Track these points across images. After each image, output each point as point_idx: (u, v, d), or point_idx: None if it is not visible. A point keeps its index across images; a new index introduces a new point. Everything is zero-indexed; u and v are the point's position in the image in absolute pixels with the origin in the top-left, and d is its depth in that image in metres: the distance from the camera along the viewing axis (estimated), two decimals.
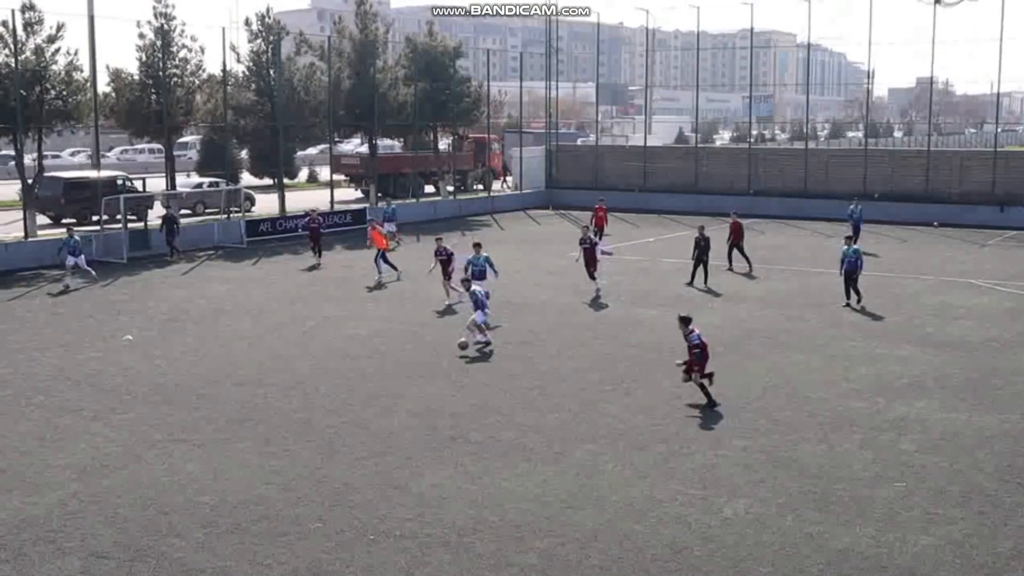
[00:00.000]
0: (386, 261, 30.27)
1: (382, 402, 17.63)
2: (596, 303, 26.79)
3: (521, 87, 60.33)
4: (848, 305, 25.68)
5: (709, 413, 17.03)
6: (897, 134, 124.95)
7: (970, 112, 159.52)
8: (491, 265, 24.48)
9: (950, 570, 11.31)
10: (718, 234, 31.77)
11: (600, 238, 37.62)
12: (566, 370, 19.85)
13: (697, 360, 17.40)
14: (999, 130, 59.06)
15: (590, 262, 27.99)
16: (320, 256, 33.90)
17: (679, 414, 16.99)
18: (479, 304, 21.62)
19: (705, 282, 28.88)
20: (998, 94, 52.81)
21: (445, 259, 26.77)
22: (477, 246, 24.93)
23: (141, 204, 41.28)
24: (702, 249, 29.15)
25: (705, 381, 17.49)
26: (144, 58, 39.70)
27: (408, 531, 12.28)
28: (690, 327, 17.69)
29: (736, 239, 31.90)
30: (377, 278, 29.78)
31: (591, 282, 27.77)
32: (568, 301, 27.01)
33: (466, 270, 24.17)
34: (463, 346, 21.07)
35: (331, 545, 11.91)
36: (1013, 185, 46.07)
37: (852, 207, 37.28)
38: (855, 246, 26.38)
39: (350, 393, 18.24)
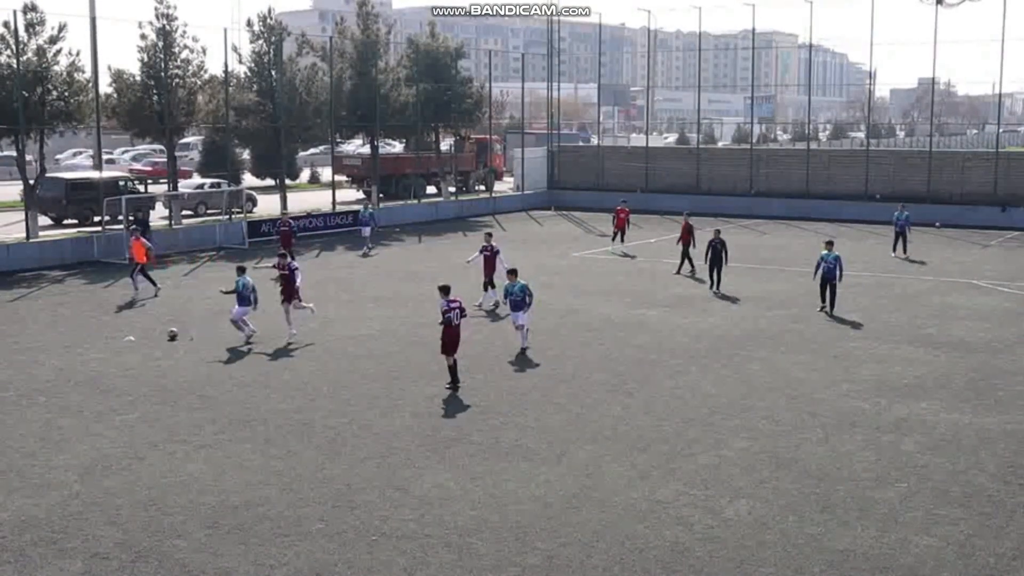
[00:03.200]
0: (145, 276, 28.11)
1: (383, 403, 17.64)
2: (494, 311, 25.72)
3: (523, 88, 60.33)
4: (823, 309, 25.18)
5: (708, 414, 17.03)
6: (899, 135, 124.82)
7: (972, 113, 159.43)
8: (528, 293, 21.22)
9: (952, 571, 11.30)
10: (725, 237, 31.62)
11: (622, 241, 37.57)
12: (567, 371, 19.85)
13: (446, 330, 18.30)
14: (1001, 131, 58.97)
15: (489, 270, 26.24)
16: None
17: (681, 415, 16.98)
18: (244, 300, 22.02)
19: (718, 286, 28.49)
20: (1000, 95, 52.76)
21: (287, 274, 23.06)
22: (512, 273, 21.59)
23: (143, 205, 41.27)
24: (716, 252, 28.54)
25: (451, 361, 18.45)
26: (146, 59, 39.73)
27: (410, 532, 12.28)
28: (449, 296, 18.58)
29: (685, 241, 31.58)
30: (133, 294, 27.84)
31: (488, 292, 26.27)
32: (570, 302, 27.01)
33: (505, 300, 21.83)
34: (173, 336, 22.38)
35: (333, 546, 11.91)
36: (1015, 186, 46.07)
37: (897, 212, 36.18)
38: (836, 252, 25.43)
39: (351, 394, 18.24)
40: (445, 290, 18.78)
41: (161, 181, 48.82)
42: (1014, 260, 35.29)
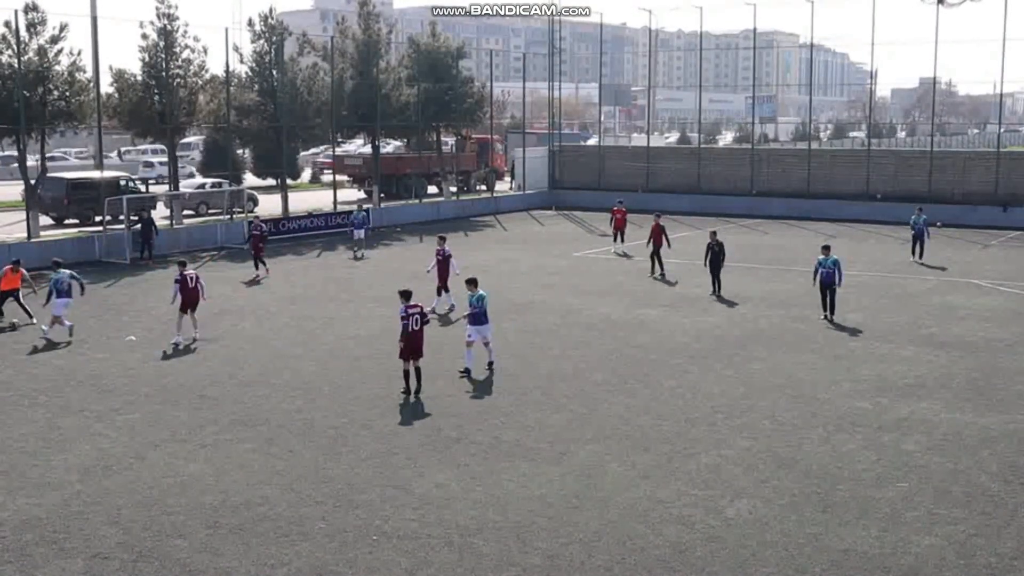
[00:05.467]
0: (19, 302, 24.61)
1: (385, 403, 17.63)
2: (447, 317, 24.89)
3: (524, 87, 60.39)
4: (826, 317, 24.32)
5: (709, 413, 17.03)
6: (900, 134, 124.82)
7: (973, 112, 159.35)
8: (484, 304, 19.53)
9: (953, 571, 11.29)
10: (726, 237, 31.43)
11: (622, 241, 37.48)
12: (569, 370, 19.85)
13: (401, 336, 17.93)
14: (1002, 130, 58.92)
15: (443, 275, 25.66)
16: (264, 267, 31.51)
17: (682, 414, 16.98)
18: (61, 292, 22.60)
19: (719, 290, 27.94)
20: (1001, 94, 52.69)
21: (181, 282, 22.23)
22: (471, 283, 19.85)
23: (147, 205, 41.25)
24: (715, 255, 27.85)
25: (408, 367, 17.93)
26: (147, 58, 39.73)
27: (411, 531, 12.28)
28: (409, 301, 18.13)
29: (656, 242, 31.23)
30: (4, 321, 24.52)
31: (441, 296, 25.54)
32: (570, 301, 27.01)
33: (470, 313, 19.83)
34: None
35: (334, 546, 11.91)
36: (1016, 186, 46.03)
37: (914, 216, 34.72)
38: (834, 256, 24.50)
39: (353, 394, 18.24)
40: (405, 295, 18.21)
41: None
42: (1015, 260, 35.27)
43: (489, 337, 19.74)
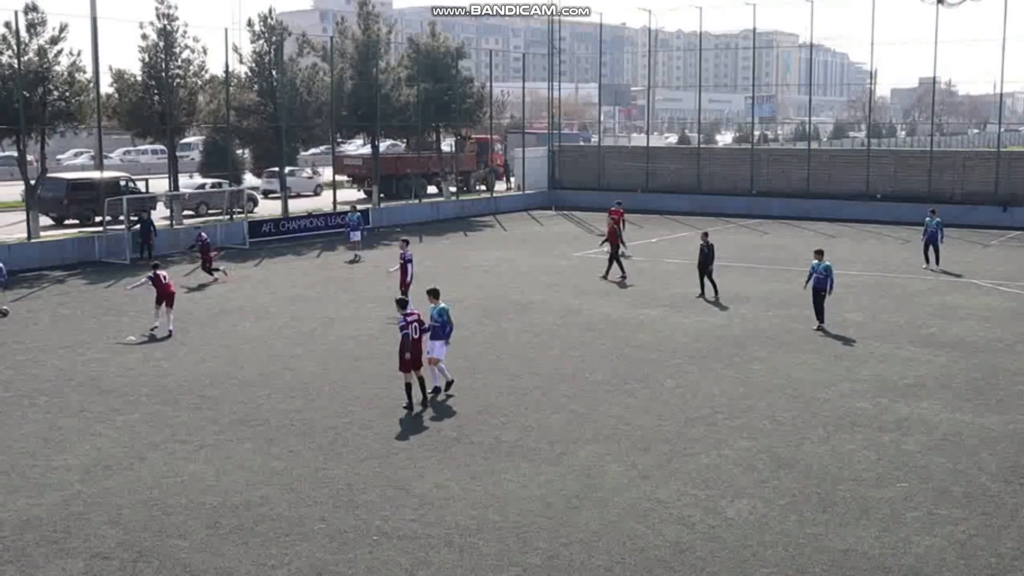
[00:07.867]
0: None
1: (384, 403, 17.63)
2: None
3: (524, 87, 60.34)
4: (820, 328, 23.37)
5: (709, 413, 17.02)
6: (900, 134, 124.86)
7: (973, 112, 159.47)
8: (449, 321, 18.04)
9: (953, 571, 11.29)
10: (716, 237, 31.37)
11: (621, 241, 37.31)
12: (568, 370, 19.85)
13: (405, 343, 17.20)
14: (1002, 130, 58.95)
15: (403, 279, 25.29)
16: (214, 273, 30.63)
17: (682, 414, 16.98)
18: None
19: (715, 294, 27.43)
20: (1000, 94, 52.70)
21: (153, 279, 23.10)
22: (432, 294, 18.30)
23: (146, 205, 41.20)
24: (706, 256, 27.39)
25: (410, 378, 17.23)
26: (147, 59, 39.75)
27: (411, 532, 12.28)
28: (406, 309, 17.43)
29: (613, 242, 31.08)
30: None
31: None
32: (570, 301, 27.00)
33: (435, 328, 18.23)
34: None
35: (334, 546, 11.91)
36: (1016, 185, 46.03)
37: (928, 218, 33.13)
38: (826, 262, 23.61)
39: (352, 394, 18.24)
40: (402, 304, 17.61)
41: None
42: (1015, 260, 35.28)
43: (443, 356, 18.06)
